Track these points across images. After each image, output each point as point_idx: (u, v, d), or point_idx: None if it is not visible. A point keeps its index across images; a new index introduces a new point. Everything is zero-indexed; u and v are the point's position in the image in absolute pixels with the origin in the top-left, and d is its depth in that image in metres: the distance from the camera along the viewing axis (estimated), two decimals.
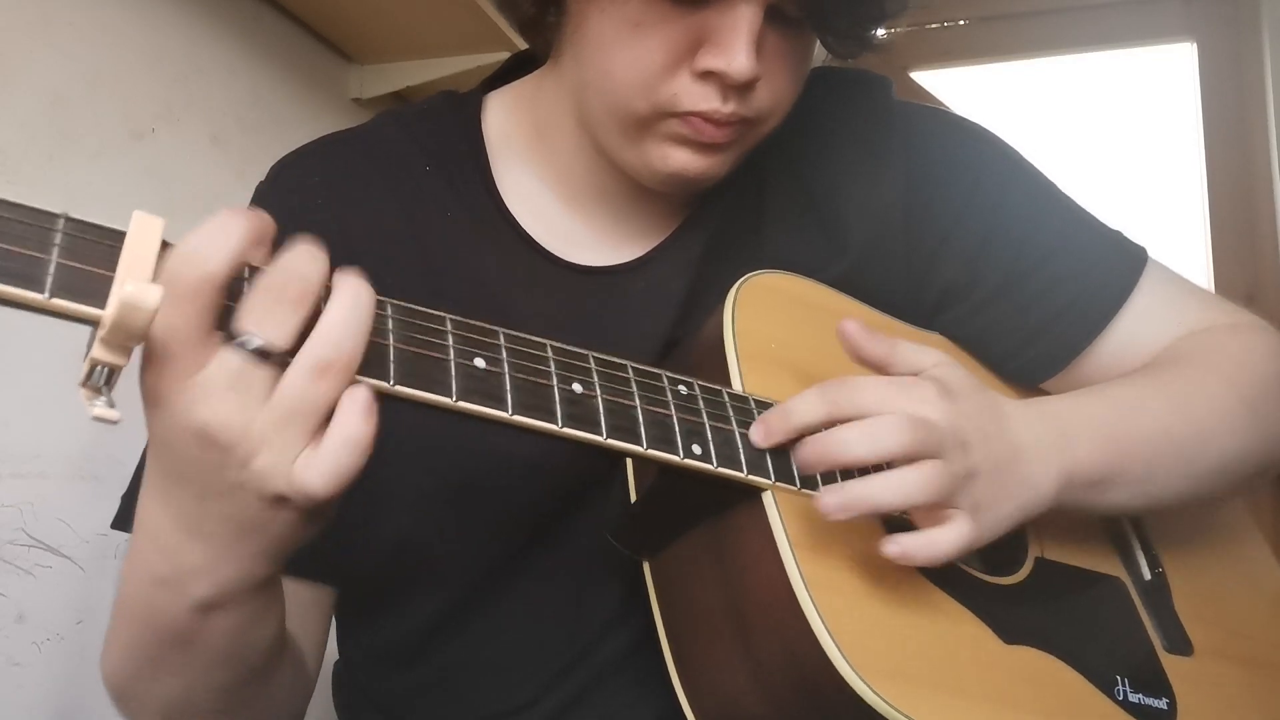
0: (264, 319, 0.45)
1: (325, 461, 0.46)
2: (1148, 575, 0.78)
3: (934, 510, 0.60)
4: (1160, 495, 0.72)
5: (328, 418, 0.47)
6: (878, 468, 0.59)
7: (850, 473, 0.61)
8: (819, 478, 0.62)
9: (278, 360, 0.46)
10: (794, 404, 0.61)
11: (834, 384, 0.61)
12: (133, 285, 0.42)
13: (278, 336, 0.45)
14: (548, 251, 0.76)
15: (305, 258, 0.47)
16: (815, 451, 0.59)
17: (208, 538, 0.50)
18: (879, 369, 0.64)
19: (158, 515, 0.51)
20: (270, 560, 0.52)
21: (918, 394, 0.61)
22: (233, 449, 0.46)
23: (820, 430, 0.60)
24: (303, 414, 0.46)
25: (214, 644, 0.56)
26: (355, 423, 0.46)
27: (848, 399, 0.60)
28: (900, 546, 0.58)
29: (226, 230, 0.45)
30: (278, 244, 0.49)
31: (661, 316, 0.75)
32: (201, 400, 0.45)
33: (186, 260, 0.44)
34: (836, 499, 0.57)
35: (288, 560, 0.54)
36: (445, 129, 0.80)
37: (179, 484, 0.49)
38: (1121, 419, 0.70)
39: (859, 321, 0.64)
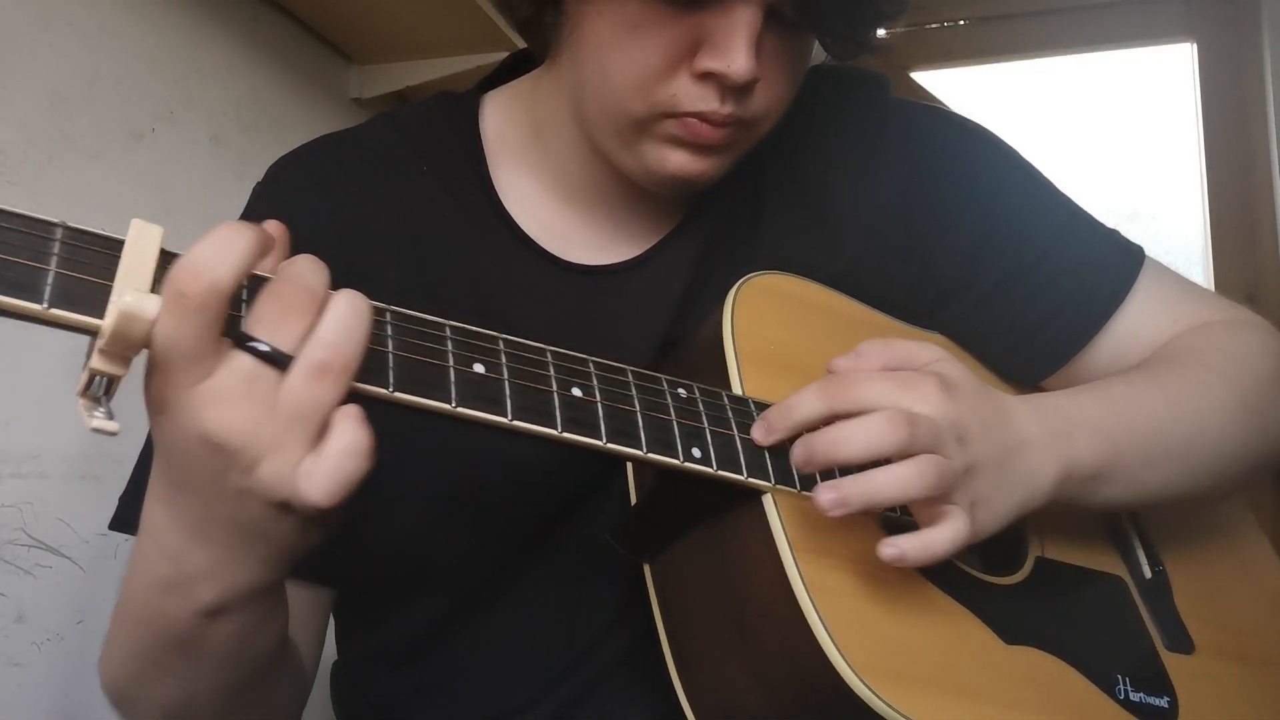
0: (275, 327, 0.46)
1: (325, 471, 0.46)
2: (1148, 573, 0.78)
3: (931, 506, 0.60)
4: (1156, 491, 0.72)
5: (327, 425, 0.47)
6: (879, 465, 0.59)
7: (850, 472, 0.61)
8: (818, 478, 0.62)
9: (285, 366, 0.46)
10: (794, 401, 0.61)
11: (833, 380, 0.61)
12: (131, 295, 0.42)
13: (286, 343, 0.46)
14: (545, 251, 0.76)
15: (310, 267, 0.48)
16: (810, 449, 0.59)
17: (213, 543, 0.50)
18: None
19: (163, 520, 0.51)
20: (276, 566, 0.52)
21: (918, 390, 0.61)
22: (239, 455, 0.46)
23: (821, 427, 0.60)
24: (303, 418, 0.46)
25: (218, 648, 0.56)
26: (351, 430, 0.47)
27: (847, 395, 0.60)
28: (897, 549, 0.58)
29: (232, 241, 0.45)
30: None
31: (659, 316, 0.75)
32: (209, 406, 0.45)
33: (194, 271, 0.44)
34: (832, 496, 0.57)
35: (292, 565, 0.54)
36: (441, 130, 0.80)
37: (185, 489, 0.49)
38: (1119, 414, 0.70)
39: (848, 357, 0.65)
